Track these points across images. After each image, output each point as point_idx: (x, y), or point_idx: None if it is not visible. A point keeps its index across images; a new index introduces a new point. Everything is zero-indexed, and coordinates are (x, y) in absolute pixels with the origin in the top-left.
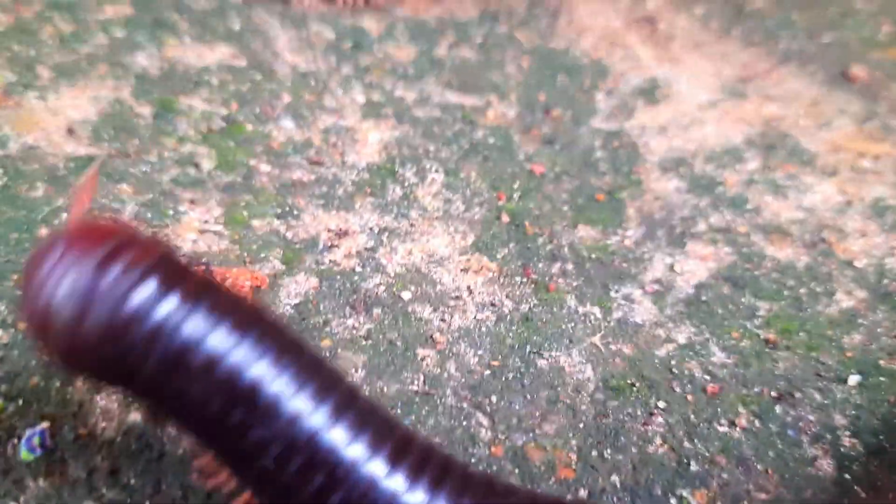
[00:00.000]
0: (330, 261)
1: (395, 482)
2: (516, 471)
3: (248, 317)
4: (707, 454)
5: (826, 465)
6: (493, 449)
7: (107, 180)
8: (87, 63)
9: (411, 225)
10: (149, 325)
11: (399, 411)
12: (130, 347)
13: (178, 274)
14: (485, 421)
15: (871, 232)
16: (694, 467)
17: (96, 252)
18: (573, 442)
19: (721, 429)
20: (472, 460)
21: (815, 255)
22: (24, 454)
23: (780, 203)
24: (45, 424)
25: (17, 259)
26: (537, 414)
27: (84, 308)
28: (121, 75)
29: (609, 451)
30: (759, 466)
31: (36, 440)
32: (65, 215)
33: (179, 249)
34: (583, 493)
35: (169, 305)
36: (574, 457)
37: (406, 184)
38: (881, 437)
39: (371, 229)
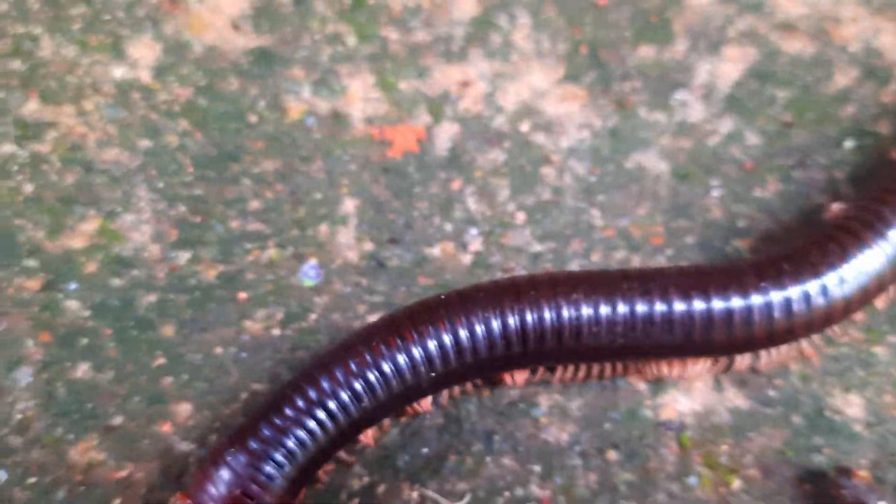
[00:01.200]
0: (463, 108)
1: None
2: (623, 244)
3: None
4: (749, 213)
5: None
6: (606, 232)
7: (280, 67)
8: None
9: (514, 67)
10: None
11: (538, 216)
12: None
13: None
14: (597, 213)
15: (861, 17)
16: (741, 224)
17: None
18: (658, 218)
19: (757, 194)
20: (594, 242)
21: (818, 45)
22: (307, 282)
23: (789, 2)
24: (314, 260)
25: (241, 142)
26: (631, 202)
27: None
28: None
29: (682, 221)
30: (784, 217)
31: (311, 272)
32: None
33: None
34: (669, 252)
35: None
36: (661, 229)
37: (503, 31)
38: (871, 182)
39: (485, 76)
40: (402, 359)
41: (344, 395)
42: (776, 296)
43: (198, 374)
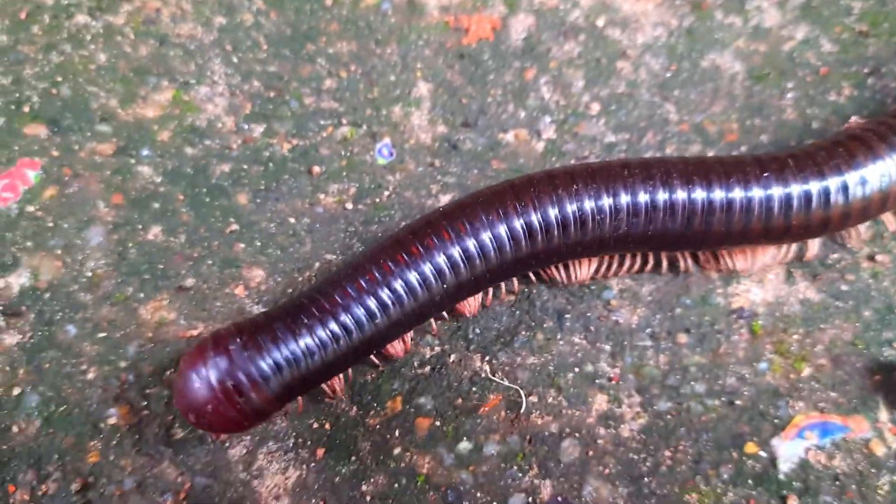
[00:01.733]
0: (538, 1)
1: None
2: (698, 138)
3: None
4: (823, 116)
5: None
6: (680, 127)
7: None
8: None
9: None
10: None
11: (613, 108)
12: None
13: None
14: (672, 108)
15: None
16: (815, 126)
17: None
18: (733, 116)
19: (831, 98)
20: (668, 135)
21: None
22: (380, 160)
23: None
24: (387, 140)
25: (316, 24)
26: (706, 100)
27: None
28: None
29: (757, 120)
30: (854, 117)
31: (385, 150)
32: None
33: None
34: (743, 148)
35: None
36: (736, 126)
37: None
38: None
39: None
40: (412, 275)
41: (357, 311)
42: (777, 191)
43: (271, 241)
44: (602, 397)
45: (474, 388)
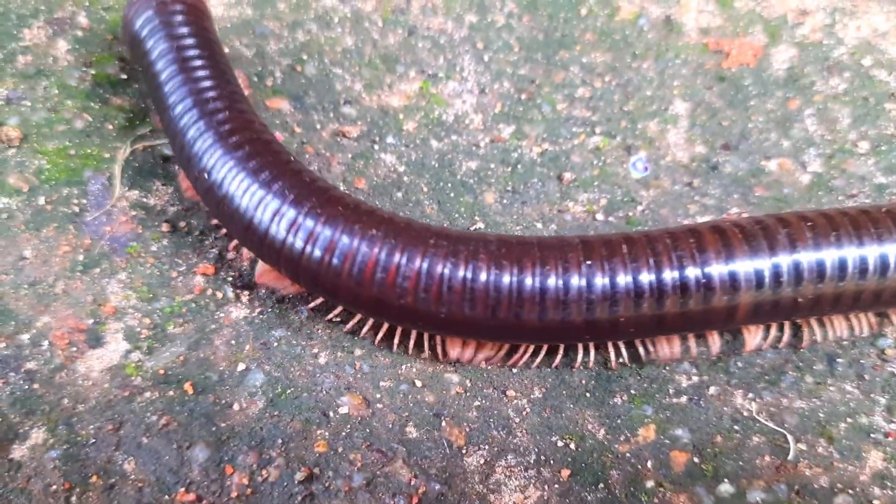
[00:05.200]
0: (801, 35)
1: None
2: None
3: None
4: None
5: None
6: None
7: None
8: None
9: (853, 4)
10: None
11: (883, 149)
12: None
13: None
14: None
15: None
16: None
17: None
18: None
19: None
20: None
21: None
22: (634, 173)
23: None
24: (643, 153)
25: (570, 32)
26: None
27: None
28: None
29: None
30: None
31: (640, 164)
32: None
33: None
34: None
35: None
36: None
37: None
38: None
39: (824, 9)
40: None
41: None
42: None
43: None
44: (877, 454)
45: (736, 427)
